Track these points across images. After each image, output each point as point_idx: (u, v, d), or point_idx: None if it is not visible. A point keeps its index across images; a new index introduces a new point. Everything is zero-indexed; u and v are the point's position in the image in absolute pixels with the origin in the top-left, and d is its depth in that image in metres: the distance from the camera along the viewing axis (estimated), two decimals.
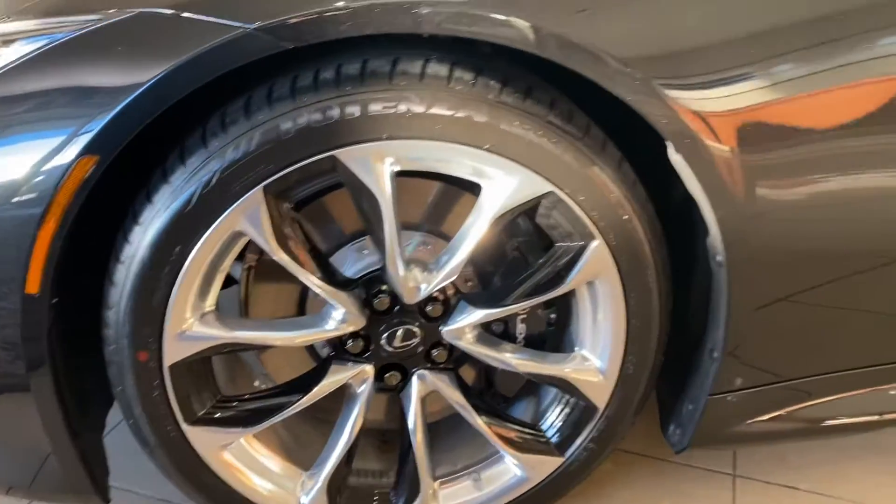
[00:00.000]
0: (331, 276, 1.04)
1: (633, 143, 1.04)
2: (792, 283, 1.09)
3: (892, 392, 1.26)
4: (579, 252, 1.03)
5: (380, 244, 1.00)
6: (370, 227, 1.00)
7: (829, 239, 1.07)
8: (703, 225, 1.02)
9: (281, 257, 0.97)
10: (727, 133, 0.96)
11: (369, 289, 1.06)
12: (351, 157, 0.94)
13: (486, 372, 1.23)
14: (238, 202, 0.94)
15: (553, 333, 1.17)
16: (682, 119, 0.94)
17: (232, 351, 1.08)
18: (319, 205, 1.08)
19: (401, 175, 0.98)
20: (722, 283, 1.05)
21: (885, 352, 1.22)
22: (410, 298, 1.05)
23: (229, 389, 1.14)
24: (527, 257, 1.11)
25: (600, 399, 1.12)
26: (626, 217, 1.02)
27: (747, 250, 1.03)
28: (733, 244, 1.02)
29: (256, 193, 0.94)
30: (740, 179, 0.98)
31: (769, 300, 1.09)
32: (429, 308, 1.07)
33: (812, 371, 1.21)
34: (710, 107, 0.95)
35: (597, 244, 1.02)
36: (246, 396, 1.11)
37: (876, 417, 1.28)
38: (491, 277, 1.14)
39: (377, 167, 0.95)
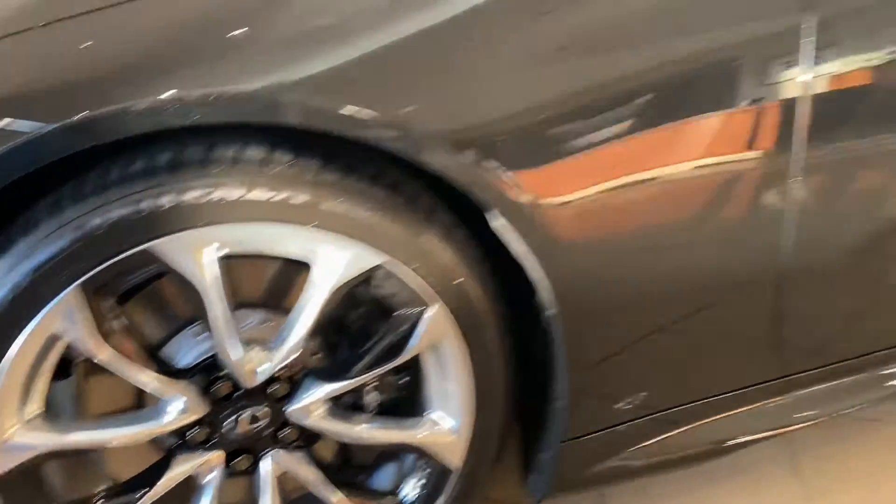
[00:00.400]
0: (165, 367, 1.01)
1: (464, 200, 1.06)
2: (627, 327, 1.14)
3: (749, 415, 1.33)
4: (418, 318, 1.04)
5: (210, 330, 0.98)
6: (200, 314, 0.98)
7: (658, 281, 1.12)
8: None
9: (104, 358, 0.94)
10: (545, 192, 0.99)
11: (208, 375, 1.03)
12: (168, 247, 0.92)
13: (344, 443, 1.21)
14: (52, 304, 0.90)
15: (406, 398, 1.17)
16: (499, 186, 0.96)
17: (66, 455, 1.03)
18: (150, 291, 1.04)
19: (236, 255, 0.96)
20: (557, 334, 1.08)
21: (740, 377, 1.29)
22: (250, 382, 1.02)
23: (70, 492, 1.08)
24: (370, 326, 1.11)
25: (456, 459, 1.13)
26: (462, 279, 1.04)
27: (577, 301, 1.06)
28: (563, 297, 1.05)
29: (72, 293, 0.90)
30: (562, 235, 1.02)
31: (607, 346, 1.13)
32: (273, 388, 1.05)
33: (666, 404, 1.25)
34: (525, 168, 0.97)
35: (434, 309, 1.03)
36: (87, 499, 1.05)
37: (735, 441, 1.34)
38: (338, 349, 1.13)
39: (198, 255, 0.93)
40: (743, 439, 1.34)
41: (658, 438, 1.28)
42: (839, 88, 1.08)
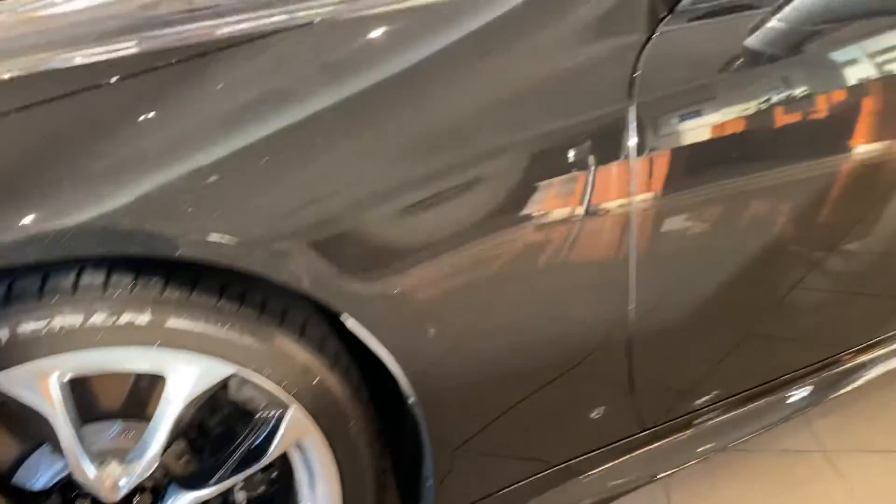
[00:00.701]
0: (17, 493, 1.00)
1: None
2: (489, 403, 1.18)
3: (623, 466, 1.39)
4: (278, 420, 1.05)
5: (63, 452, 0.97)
6: (49, 436, 0.97)
7: (513, 355, 1.16)
8: None
9: None
10: (386, 288, 1.02)
11: (67, 494, 1.03)
12: (8, 380, 0.91)
13: None
14: None
15: (279, 491, 1.18)
16: (342, 289, 0.99)
17: None
18: None
19: None
20: (420, 419, 1.11)
21: (609, 433, 1.35)
22: (112, 497, 1.01)
23: None
24: (233, 429, 1.11)
25: None
26: (318, 378, 1.06)
27: (435, 388, 1.10)
28: (420, 387, 1.08)
29: None
30: (411, 327, 1.05)
31: (471, 425, 1.17)
32: (136, 500, 1.05)
33: (537, 469, 1.30)
34: (364, 268, 1.00)
35: (293, 411, 1.05)
36: None
37: (611, 494, 1.40)
38: (203, 452, 1.13)
39: (40, 384, 0.92)
40: (621, 490, 1.41)
41: (535, 500, 1.33)
42: (659, 151, 1.16)
